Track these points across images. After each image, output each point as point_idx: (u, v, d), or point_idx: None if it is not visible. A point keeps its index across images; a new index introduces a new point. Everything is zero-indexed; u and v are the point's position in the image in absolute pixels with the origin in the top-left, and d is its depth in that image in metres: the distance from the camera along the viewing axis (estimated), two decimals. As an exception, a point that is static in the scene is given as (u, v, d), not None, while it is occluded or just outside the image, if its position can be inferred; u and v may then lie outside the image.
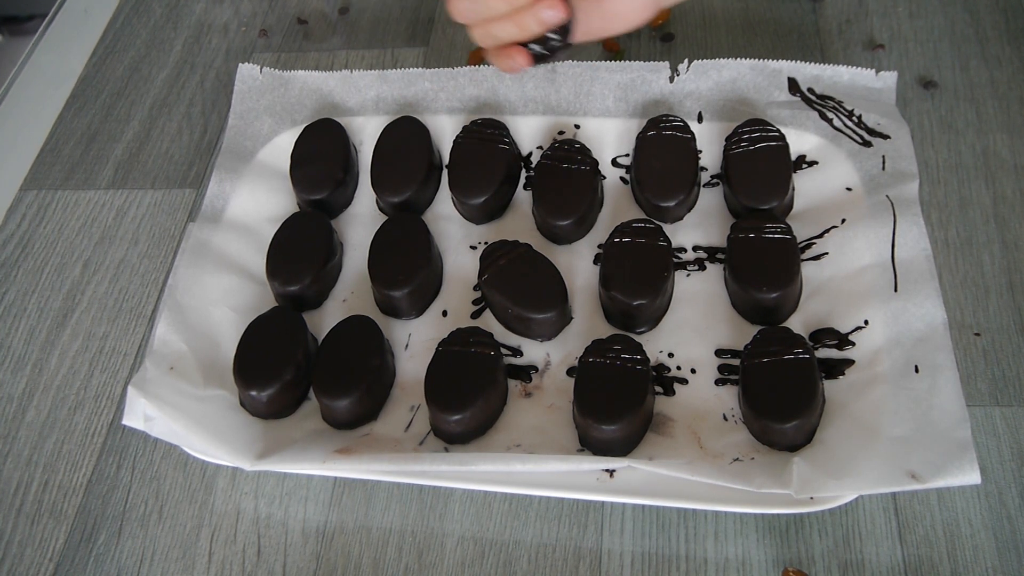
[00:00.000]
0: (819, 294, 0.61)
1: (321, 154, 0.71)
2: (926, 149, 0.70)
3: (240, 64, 0.77)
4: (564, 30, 0.52)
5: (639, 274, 0.61)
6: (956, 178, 0.68)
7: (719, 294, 0.63)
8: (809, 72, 0.70)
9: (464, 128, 0.71)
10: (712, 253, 0.65)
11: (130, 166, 0.80)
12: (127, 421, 0.57)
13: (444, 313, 0.65)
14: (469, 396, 0.56)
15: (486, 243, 0.67)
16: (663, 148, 0.67)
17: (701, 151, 0.70)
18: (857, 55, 0.77)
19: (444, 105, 0.75)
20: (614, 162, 0.71)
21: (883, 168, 0.65)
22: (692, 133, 0.68)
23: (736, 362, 0.59)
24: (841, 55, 0.77)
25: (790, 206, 0.66)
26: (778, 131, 0.66)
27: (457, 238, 0.69)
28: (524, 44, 0.54)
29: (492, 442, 0.58)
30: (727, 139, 0.67)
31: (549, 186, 0.67)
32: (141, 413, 0.57)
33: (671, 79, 0.71)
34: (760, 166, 0.65)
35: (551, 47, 0.53)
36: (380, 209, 0.72)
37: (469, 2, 0.52)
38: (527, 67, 0.53)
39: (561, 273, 0.62)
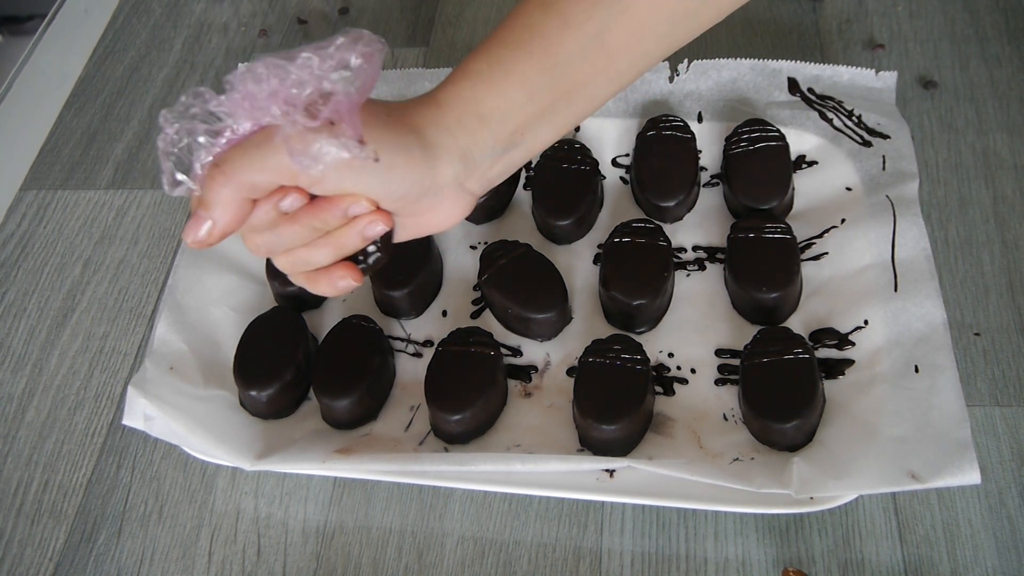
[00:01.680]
0: (819, 294, 0.61)
1: (321, 154, 0.71)
2: (926, 149, 0.70)
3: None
4: (385, 240, 0.47)
5: (639, 274, 0.61)
6: (956, 178, 0.68)
7: (719, 294, 0.63)
8: (809, 72, 0.70)
9: (464, 128, 0.70)
10: (712, 253, 0.65)
11: (130, 166, 0.80)
12: (127, 421, 0.57)
13: (444, 313, 0.65)
14: (469, 396, 0.56)
15: (486, 243, 0.67)
16: (663, 148, 0.67)
17: (701, 151, 0.69)
18: (857, 55, 0.77)
19: (444, 105, 0.75)
20: (614, 162, 0.71)
21: (883, 168, 0.65)
22: (692, 133, 0.68)
23: (736, 362, 0.59)
24: (841, 55, 0.77)
25: (790, 206, 0.66)
26: (778, 131, 0.66)
27: (457, 238, 0.69)
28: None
29: (492, 442, 0.58)
30: (727, 139, 0.67)
31: (549, 186, 0.67)
32: (141, 413, 0.57)
33: (671, 79, 0.71)
34: (760, 166, 0.65)
35: (373, 259, 0.47)
36: (380, 209, 0.72)
37: (266, 236, 0.44)
38: (359, 283, 0.46)
39: (561, 273, 0.62)
